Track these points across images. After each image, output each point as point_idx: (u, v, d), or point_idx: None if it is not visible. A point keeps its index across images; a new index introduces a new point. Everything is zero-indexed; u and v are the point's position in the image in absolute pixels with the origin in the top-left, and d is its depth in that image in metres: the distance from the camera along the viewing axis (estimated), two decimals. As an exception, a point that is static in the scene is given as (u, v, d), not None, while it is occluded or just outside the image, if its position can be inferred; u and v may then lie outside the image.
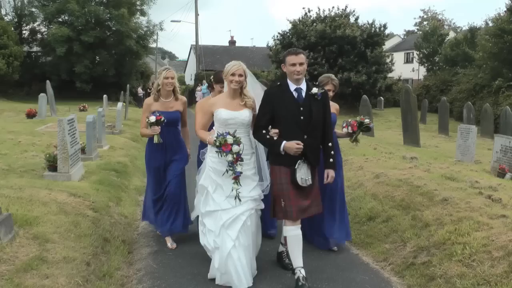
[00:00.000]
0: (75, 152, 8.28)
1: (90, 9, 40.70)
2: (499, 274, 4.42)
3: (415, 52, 50.28)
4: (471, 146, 12.54)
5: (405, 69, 53.16)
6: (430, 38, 47.57)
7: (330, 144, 4.99)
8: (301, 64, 4.72)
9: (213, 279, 4.92)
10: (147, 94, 38.36)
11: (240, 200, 4.74)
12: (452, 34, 50.68)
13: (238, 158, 4.59)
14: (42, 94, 20.54)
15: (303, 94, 4.78)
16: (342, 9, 39.36)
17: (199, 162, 5.58)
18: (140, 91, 42.16)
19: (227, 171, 4.67)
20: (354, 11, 39.66)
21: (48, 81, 23.07)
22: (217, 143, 4.56)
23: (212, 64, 46.63)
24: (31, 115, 19.75)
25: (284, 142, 4.66)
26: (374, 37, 37.61)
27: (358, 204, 7.45)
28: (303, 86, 4.82)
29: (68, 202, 6.28)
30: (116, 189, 8.03)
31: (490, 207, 5.96)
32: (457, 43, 42.63)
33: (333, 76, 6.10)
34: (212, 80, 6.03)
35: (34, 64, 43.03)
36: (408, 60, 56.26)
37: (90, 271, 4.65)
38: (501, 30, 30.36)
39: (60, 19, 41.96)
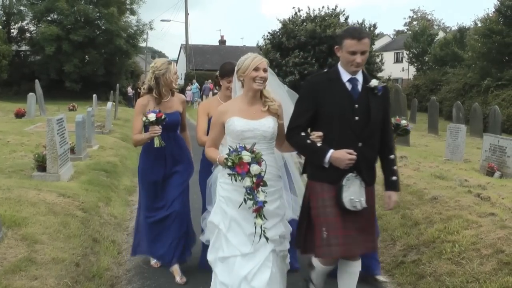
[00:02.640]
0: (64, 152, 8.22)
1: (79, 8, 40.55)
2: (488, 271, 4.46)
3: (405, 52, 50.51)
4: (460, 145, 12.60)
5: (395, 68, 53.33)
6: (419, 38, 47.80)
7: (392, 156, 3.83)
8: (363, 53, 3.54)
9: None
10: (137, 94, 38.22)
11: (267, 239, 3.45)
12: (441, 34, 50.95)
13: (259, 182, 3.33)
14: (31, 94, 20.39)
15: (359, 86, 3.65)
16: (332, 9, 39.41)
17: (203, 181, 4.58)
18: (130, 90, 41.96)
19: (245, 200, 3.38)
20: (344, 10, 39.67)
21: (37, 81, 22.91)
22: (230, 163, 3.33)
23: (202, 63, 46.60)
24: (20, 114, 19.58)
25: (331, 150, 3.53)
26: (364, 36, 37.71)
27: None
28: (359, 76, 3.68)
29: (57, 203, 6.24)
30: (105, 189, 7.99)
31: (479, 205, 6.00)
32: (446, 43, 42.88)
33: None
34: (217, 75, 4.92)
35: (23, 63, 42.79)
36: (397, 60, 56.51)
37: (79, 272, 4.63)
38: (489, 30, 30.60)
39: (49, 18, 41.69)
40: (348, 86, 3.64)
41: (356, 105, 3.60)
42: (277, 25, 43.99)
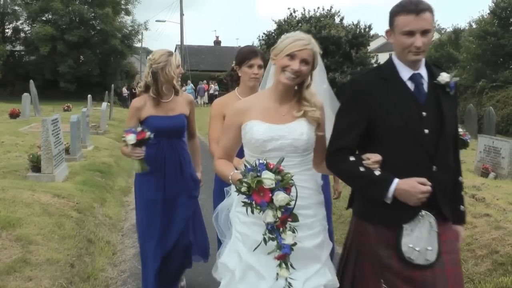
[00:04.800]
0: (59, 152, 8.19)
1: (74, 8, 40.50)
2: (482, 272, 4.48)
3: (400, 53, 50.67)
4: (455, 146, 12.66)
5: (390, 69, 53.47)
6: (414, 39, 47.95)
7: (460, 178, 2.84)
8: (425, 32, 2.51)
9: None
10: (132, 94, 38.16)
11: None
12: (436, 36, 51.07)
13: (286, 217, 2.36)
14: (25, 94, 20.30)
15: (425, 85, 2.64)
16: (327, 10, 39.52)
17: (217, 201, 3.38)
18: (125, 91, 41.85)
19: (264, 241, 2.43)
20: (339, 11, 39.81)
21: (31, 81, 22.80)
22: (244, 188, 2.34)
23: (197, 64, 46.54)
24: (14, 115, 19.49)
25: (395, 180, 2.50)
26: (359, 37, 37.82)
27: (343, 204, 7.44)
28: (423, 70, 2.65)
29: (52, 203, 6.21)
30: (100, 190, 7.97)
31: (474, 206, 6.02)
32: (441, 45, 43.02)
33: None
34: (234, 63, 3.85)
35: (17, 63, 42.67)
36: (393, 61, 56.62)
37: (74, 273, 4.61)
38: (484, 32, 30.76)
39: (43, 18, 41.58)
40: (410, 86, 2.62)
41: (424, 113, 2.57)
42: (272, 25, 44.19)
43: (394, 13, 2.57)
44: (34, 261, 4.49)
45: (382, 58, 50.40)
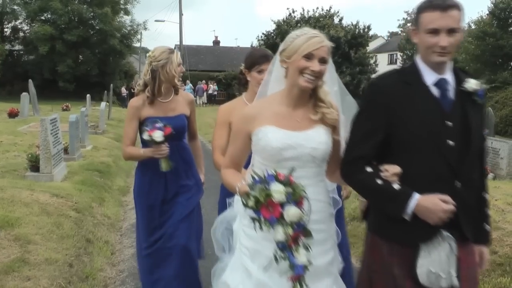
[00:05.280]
0: (57, 152, 8.19)
1: (73, 8, 40.51)
2: (481, 272, 4.48)
3: (399, 54, 50.76)
4: (453, 147, 12.68)
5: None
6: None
7: (486, 195, 2.58)
8: (451, 31, 2.29)
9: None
10: (131, 94, 38.14)
11: None
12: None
13: (298, 234, 2.17)
14: (24, 94, 20.30)
15: (451, 92, 2.41)
16: (327, 10, 39.61)
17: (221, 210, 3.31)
18: (123, 90, 41.85)
19: (276, 259, 2.23)
20: (338, 12, 39.90)
21: (30, 80, 22.78)
22: (251, 202, 2.15)
23: (196, 64, 46.51)
24: (13, 114, 19.48)
25: (416, 196, 2.28)
26: (358, 38, 37.90)
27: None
28: (449, 75, 2.43)
29: (51, 203, 6.21)
30: (99, 190, 7.96)
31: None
32: (440, 45, 43.10)
33: None
34: (243, 66, 3.58)
35: (16, 62, 42.65)
36: (392, 62, 56.70)
37: (72, 273, 4.61)
38: (483, 33, 30.86)
39: (42, 17, 41.62)
40: (435, 92, 2.38)
41: (449, 122, 2.34)
42: (271, 26, 44.21)
43: (420, 10, 2.38)
44: (33, 260, 4.48)
45: (381, 58, 50.50)
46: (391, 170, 2.35)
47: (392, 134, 2.38)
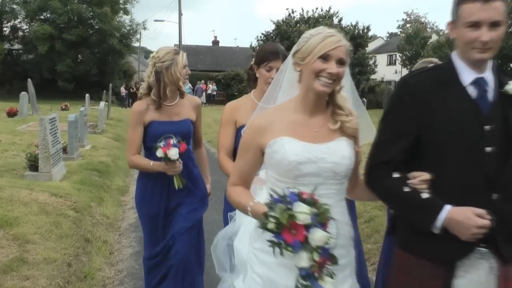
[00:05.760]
0: (56, 151, 8.19)
1: (73, 7, 40.49)
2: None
3: (398, 54, 50.79)
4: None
5: (388, 71, 53.58)
6: (413, 41, 48.07)
7: None
8: (494, 25, 2.08)
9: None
10: (130, 94, 38.13)
11: None
12: (434, 37, 51.18)
13: (325, 260, 1.94)
14: (23, 93, 20.30)
15: (490, 93, 2.16)
16: (326, 11, 39.66)
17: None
18: (123, 90, 41.87)
19: None
20: (337, 12, 39.98)
21: (29, 80, 22.76)
22: (272, 224, 1.89)
23: (195, 64, 46.45)
24: (12, 114, 19.49)
25: (447, 207, 2.05)
26: (358, 38, 37.95)
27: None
28: (489, 75, 2.19)
29: (49, 202, 6.21)
30: (98, 189, 7.96)
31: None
32: (439, 46, 43.04)
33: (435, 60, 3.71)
34: (253, 63, 3.34)
35: (15, 62, 42.62)
36: (391, 62, 56.75)
37: (71, 272, 4.61)
38: (482, 34, 30.95)
39: (42, 17, 41.57)
40: (473, 92, 2.15)
41: (487, 126, 2.10)
42: (270, 26, 44.23)
43: (459, 1, 2.15)
44: (31, 260, 4.49)
45: (380, 59, 50.53)
46: (419, 177, 2.13)
47: (422, 138, 2.16)
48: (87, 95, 26.30)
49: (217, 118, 4.59)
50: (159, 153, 3.42)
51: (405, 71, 49.98)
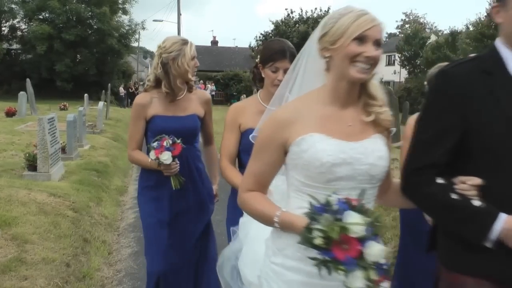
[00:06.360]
0: (55, 151, 8.18)
1: (71, 7, 40.48)
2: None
3: (397, 55, 50.79)
4: (451, 148, 12.72)
5: (387, 71, 53.58)
6: (411, 41, 48.08)
7: None
8: None
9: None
10: (129, 94, 38.13)
11: None
12: (433, 37, 51.31)
13: (384, 279, 1.60)
14: (22, 93, 20.26)
15: None
16: (325, 11, 39.69)
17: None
18: (121, 90, 41.89)
19: None
20: (336, 13, 40.07)
21: (28, 79, 22.74)
22: (319, 239, 1.58)
23: (194, 64, 46.52)
24: (10, 113, 19.45)
25: (502, 216, 1.75)
26: (357, 39, 38.02)
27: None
28: None
29: (48, 202, 6.20)
30: (96, 189, 7.95)
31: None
32: (438, 47, 43.17)
33: None
34: (258, 60, 3.02)
35: (14, 61, 42.62)
36: (389, 63, 56.75)
37: (69, 272, 4.60)
38: (481, 35, 30.97)
39: (40, 16, 41.54)
40: None
41: None
42: (269, 26, 44.26)
43: None
44: (30, 260, 4.47)
45: (379, 59, 50.60)
46: (469, 182, 1.81)
47: (468, 137, 1.84)
48: (85, 95, 26.27)
49: (216, 118, 4.46)
50: (152, 155, 3.20)
51: (404, 72, 50.06)
